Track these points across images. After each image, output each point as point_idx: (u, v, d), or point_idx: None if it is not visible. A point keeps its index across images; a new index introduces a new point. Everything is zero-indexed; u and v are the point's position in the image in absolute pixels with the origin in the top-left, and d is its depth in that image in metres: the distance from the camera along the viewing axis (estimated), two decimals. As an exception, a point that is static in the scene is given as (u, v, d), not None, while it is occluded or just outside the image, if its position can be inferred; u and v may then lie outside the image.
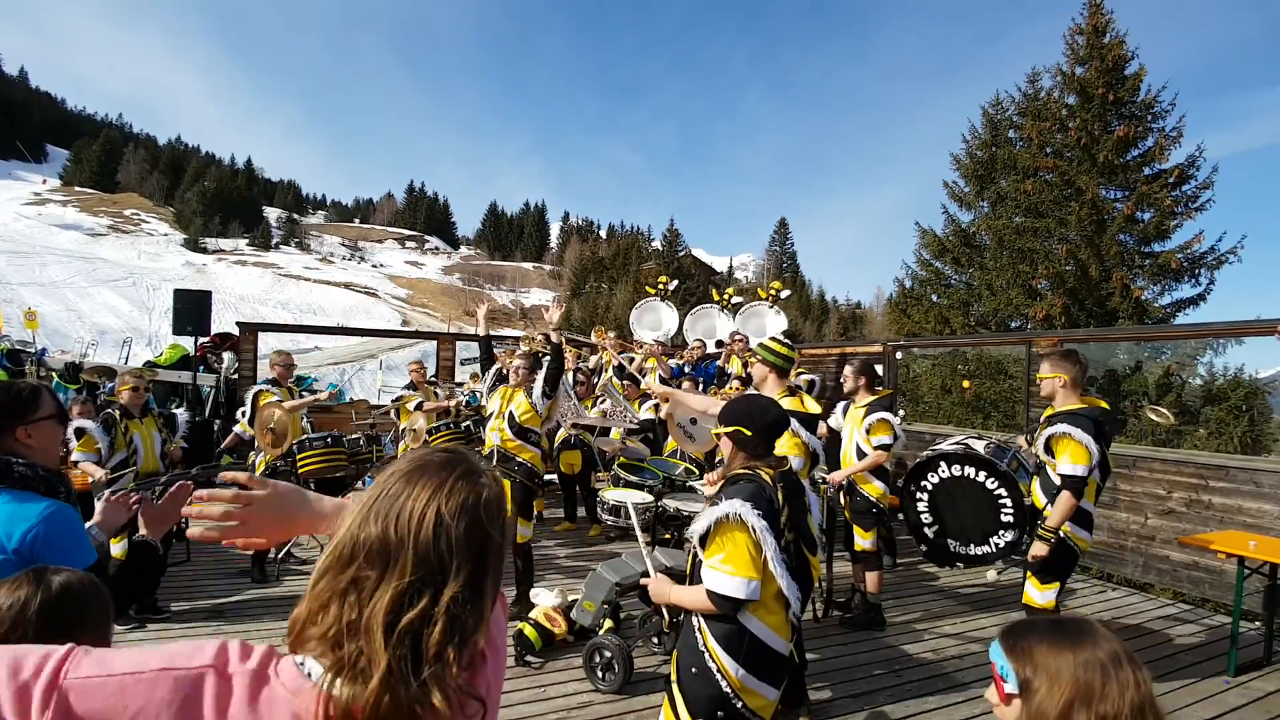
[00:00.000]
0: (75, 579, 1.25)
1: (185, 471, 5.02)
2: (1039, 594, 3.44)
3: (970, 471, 3.85)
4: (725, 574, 1.97)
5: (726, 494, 2.07)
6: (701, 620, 2.08)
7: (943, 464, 3.95)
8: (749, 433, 2.17)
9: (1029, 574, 3.51)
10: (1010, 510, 3.74)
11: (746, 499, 2.00)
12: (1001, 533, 3.78)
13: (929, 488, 4.02)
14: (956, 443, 4.05)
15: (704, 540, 2.07)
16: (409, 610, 0.74)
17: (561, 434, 6.75)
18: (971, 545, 3.89)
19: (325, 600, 0.77)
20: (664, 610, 3.68)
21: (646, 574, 3.75)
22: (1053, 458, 3.38)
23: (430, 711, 0.72)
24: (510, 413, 4.55)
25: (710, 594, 1.99)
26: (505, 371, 4.79)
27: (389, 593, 0.74)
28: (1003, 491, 3.74)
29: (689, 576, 2.23)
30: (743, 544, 1.97)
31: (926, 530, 4.04)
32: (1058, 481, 3.40)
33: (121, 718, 0.68)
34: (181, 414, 5.42)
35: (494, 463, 4.49)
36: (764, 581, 1.99)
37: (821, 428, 3.61)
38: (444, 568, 0.76)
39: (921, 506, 4.05)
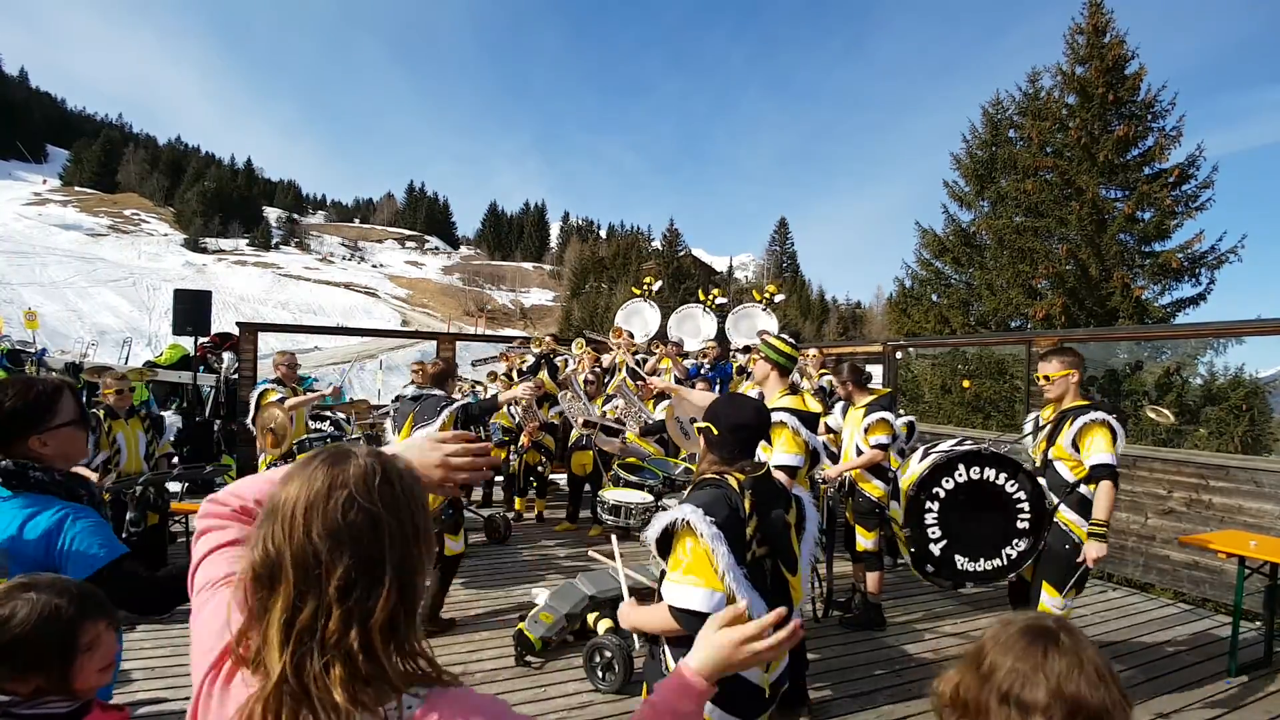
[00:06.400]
0: (21, 612, 1.18)
1: (165, 473, 5.01)
2: (1053, 601, 3.27)
3: (990, 474, 3.39)
4: (689, 585, 1.76)
5: (684, 499, 1.94)
6: (666, 644, 1.90)
7: (960, 466, 3.42)
8: (715, 432, 1.99)
9: (1045, 583, 3.31)
10: (1027, 515, 3.39)
11: (700, 504, 1.83)
12: (1016, 541, 3.39)
13: (940, 495, 3.42)
14: (959, 442, 3.60)
15: (665, 552, 1.90)
16: (299, 614, 0.75)
17: (574, 434, 6.76)
18: (982, 560, 3.43)
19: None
20: (635, 637, 3.55)
21: (627, 594, 3.65)
22: (1078, 452, 3.27)
23: (331, 709, 0.73)
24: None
25: (672, 610, 1.78)
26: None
27: (279, 603, 0.76)
28: (1022, 495, 3.38)
29: (657, 590, 2.03)
30: (702, 553, 1.78)
31: (932, 547, 3.43)
32: (1069, 479, 3.30)
33: None
34: (170, 417, 5.40)
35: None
36: (727, 599, 1.75)
37: (820, 428, 3.59)
38: (318, 560, 0.76)
39: (930, 519, 3.43)
